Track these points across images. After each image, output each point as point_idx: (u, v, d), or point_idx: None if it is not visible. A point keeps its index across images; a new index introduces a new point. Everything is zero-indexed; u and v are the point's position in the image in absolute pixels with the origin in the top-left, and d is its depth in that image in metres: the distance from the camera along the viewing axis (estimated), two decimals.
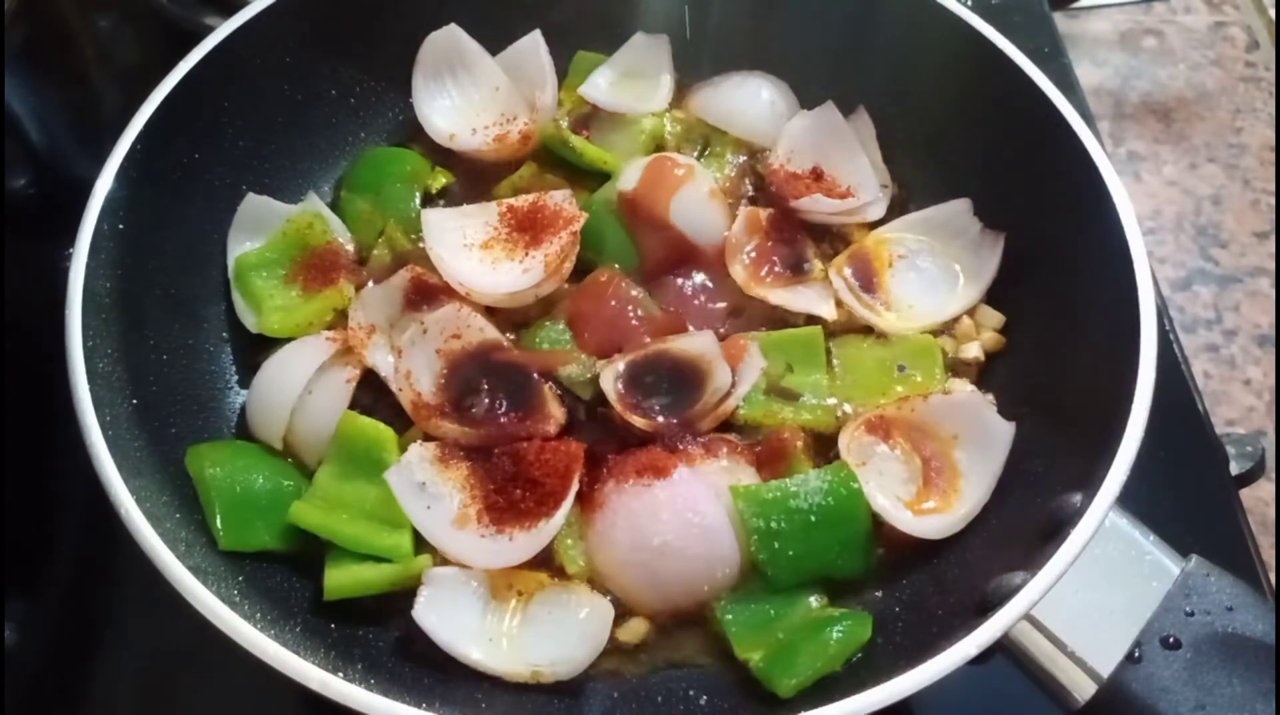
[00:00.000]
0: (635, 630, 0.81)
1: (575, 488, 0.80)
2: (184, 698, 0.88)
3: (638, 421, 0.84)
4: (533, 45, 1.05)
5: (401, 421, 0.87)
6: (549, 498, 0.80)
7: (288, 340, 0.92)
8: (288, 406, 0.86)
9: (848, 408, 0.89)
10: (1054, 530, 0.70)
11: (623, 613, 0.81)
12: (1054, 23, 1.35)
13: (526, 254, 0.92)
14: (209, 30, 0.94)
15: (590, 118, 1.07)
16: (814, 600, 0.80)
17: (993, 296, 0.95)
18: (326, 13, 1.01)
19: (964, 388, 0.90)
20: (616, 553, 0.81)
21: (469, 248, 0.93)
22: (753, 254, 0.95)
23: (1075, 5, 1.73)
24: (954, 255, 0.96)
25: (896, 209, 1.01)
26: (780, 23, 1.07)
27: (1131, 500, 0.73)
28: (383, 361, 0.89)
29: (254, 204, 0.98)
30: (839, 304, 0.93)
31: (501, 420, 0.85)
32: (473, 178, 1.04)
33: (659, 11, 1.10)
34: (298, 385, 0.86)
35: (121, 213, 0.86)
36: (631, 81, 1.08)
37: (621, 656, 0.81)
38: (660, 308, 0.93)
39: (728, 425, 0.87)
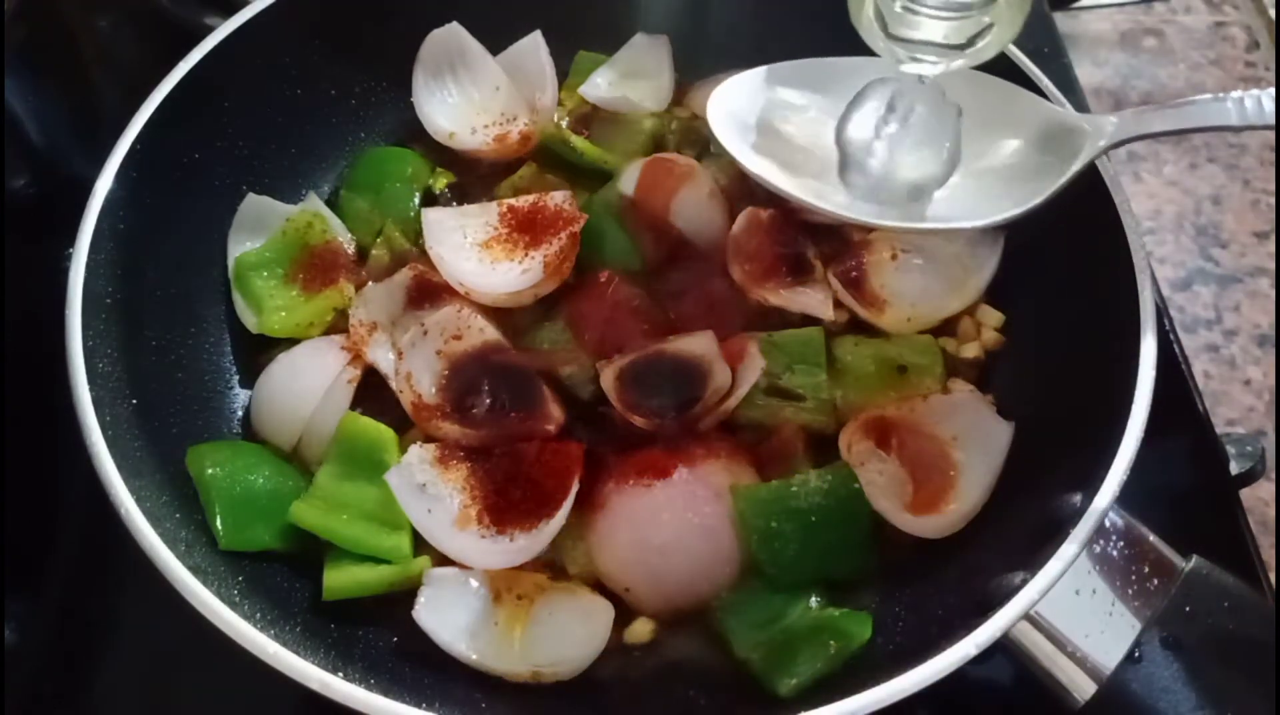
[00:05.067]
0: (639, 632, 0.81)
1: (575, 488, 0.80)
2: (184, 698, 0.88)
3: (638, 421, 0.84)
4: (533, 45, 1.05)
5: (402, 422, 0.87)
6: (549, 498, 0.80)
7: (288, 340, 0.93)
8: (303, 414, 0.87)
9: (848, 408, 0.89)
10: (1054, 530, 0.70)
11: (626, 614, 0.81)
12: (1054, 23, 1.36)
13: (526, 254, 0.92)
14: (209, 30, 0.95)
15: (590, 118, 1.07)
16: (814, 600, 0.80)
17: (993, 296, 0.95)
18: (327, 12, 1.01)
19: (964, 388, 0.90)
20: (617, 553, 0.81)
21: (469, 248, 0.93)
22: (753, 254, 0.95)
23: (1075, 5, 1.73)
24: (954, 254, 0.96)
25: None
26: (780, 22, 1.07)
27: (1131, 500, 0.73)
28: (384, 359, 0.90)
29: (254, 204, 0.98)
30: (839, 304, 0.93)
31: (502, 421, 0.85)
32: (473, 178, 1.05)
33: (659, 11, 1.10)
34: (315, 393, 0.87)
35: (121, 213, 0.86)
36: (632, 81, 1.08)
37: (622, 657, 0.81)
38: (660, 308, 0.93)
39: (728, 425, 0.87)
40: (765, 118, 0.84)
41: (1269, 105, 0.70)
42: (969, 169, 0.82)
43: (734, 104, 0.83)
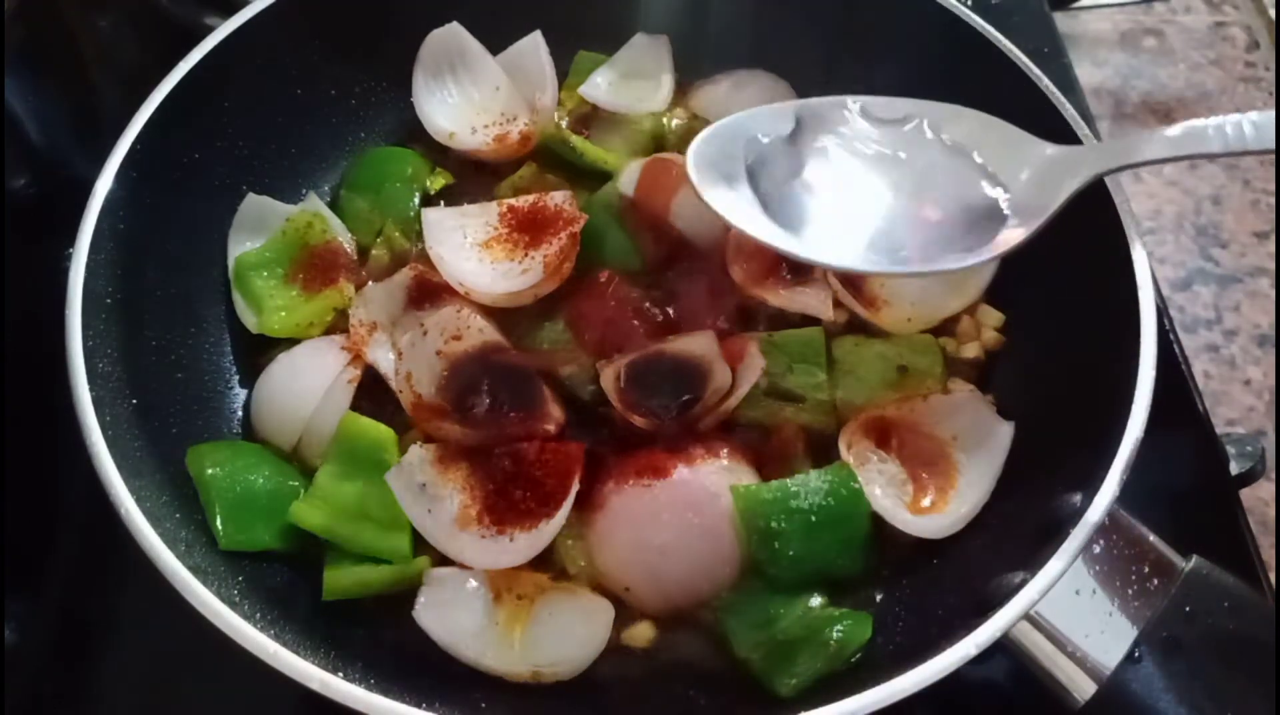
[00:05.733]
0: (641, 634, 0.81)
1: (575, 488, 0.80)
2: (184, 698, 0.88)
3: (638, 421, 0.84)
4: (533, 45, 1.05)
5: (402, 422, 0.87)
6: (549, 498, 0.80)
7: (288, 340, 0.93)
8: (303, 414, 0.87)
9: (848, 408, 0.89)
10: (1054, 530, 0.70)
11: (628, 615, 0.81)
12: (1054, 23, 1.36)
13: (526, 254, 0.92)
14: (209, 30, 0.95)
15: (590, 118, 1.07)
16: (814, 600, 0.80)
17: (993, 296, 0.95)
18: (327, 12, 1.01)
19: (964, 388, 0.90)
20: (617, 553, 0.81)
21: (469, 248, 0.93)
22: (752, 254, 0.95)
23: (1075, 5, 1.73)
24: None
25: None
26: (780, 22, 1.07)
27: (1131, 500, 0.73)
28: (384, 359, 0.90)
29: (254, 204, 0.98)
30: (839, 304, 0.93)
31: (501, 421, 0.85)
32: (473, 178, 1.05)
33: (659, 11, 1.10)
34: (315, 393, 0.87)
35: (121, 213, 0.86)
36: (631, 81, 1.08)
37: (622, 657, 0.81)
38: (660, 308, 0.93)
39: (728, 425, 0.87)
40: (746, 163, 0.84)
41: (1250, 132, 0.70)
42: (954, 207, 0.82)
43: (714, 151, 0.83)
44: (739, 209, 0.81)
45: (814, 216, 0.81)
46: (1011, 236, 0.78)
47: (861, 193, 0.82)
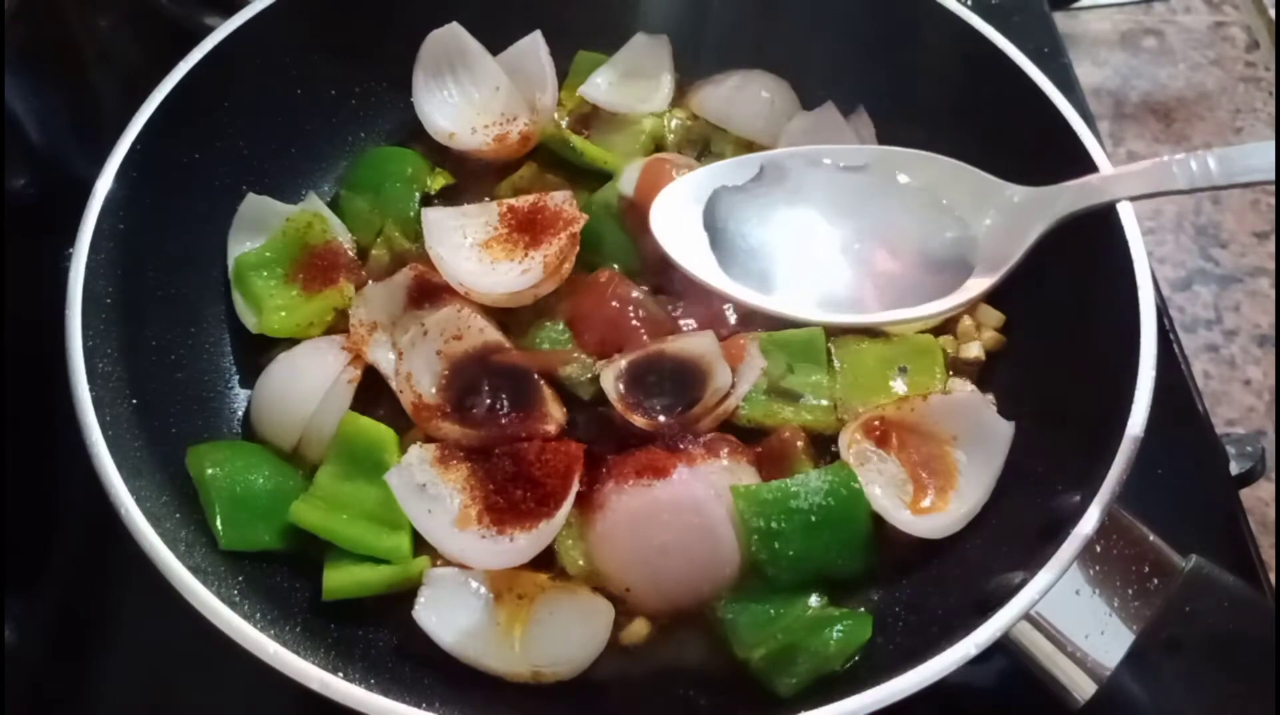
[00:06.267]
0: (637, 632, 0.81)
1: (575, 488, 0.80)
2: (184, 698, 0.88)
3: (638, 421, 0.84)
4: (533, 45, 1.05)
5: (402, 422, 0.87)
6: (549, 498, 0.80)
7: (288, 340, 0.93)
8: (303, 414, 0.87)
9: (848, 408, 0.89)
10: (1054, 530, 0.70)
11: (624, 614, 0.81)
12: (1054, 23, 1.36)
13: (526, 254, 0.92)
14: (209, 30, 0.95)
15: (590, 118, 1.07)
16: (814, 600, 0.80)
17: (993, 296, 0.95)
18: (326, 13, 1.01)
19: (964, 388, 0.90)
20: (617, 553, 0.81)
21: (469, 248, 0.93)
22: None
23: (1075, 5, 1.73)
24: None
25: None
26: (780, 22, 1.07)
27: (1131, 500, 0.73)
28: (384, 359, 0.90)
29: (254, 204, 0.98)
30: None
31: (502, 421, 0.85)
32: (473, 178, 1.05)
33: (659, 11, 1.10)
34: (315, 393, 0.87)
35: (121, 213, 0.86)
36: (632, 81, 1.08)
37: (622, 657, 0.81)
38: (660, 308, 0.93)
39: (728, 425, 0.87)
40: (710, 215, 0.84)
41: (1215, 167, 0.70)
42: (919, 254, 0.81)
43: (678, 205, 0.83)
44: (702, 262, 0.80)
45: (777, 267, 0.81)
46: (979, 282, 0.78)
47: (825, 241, 0.82)
